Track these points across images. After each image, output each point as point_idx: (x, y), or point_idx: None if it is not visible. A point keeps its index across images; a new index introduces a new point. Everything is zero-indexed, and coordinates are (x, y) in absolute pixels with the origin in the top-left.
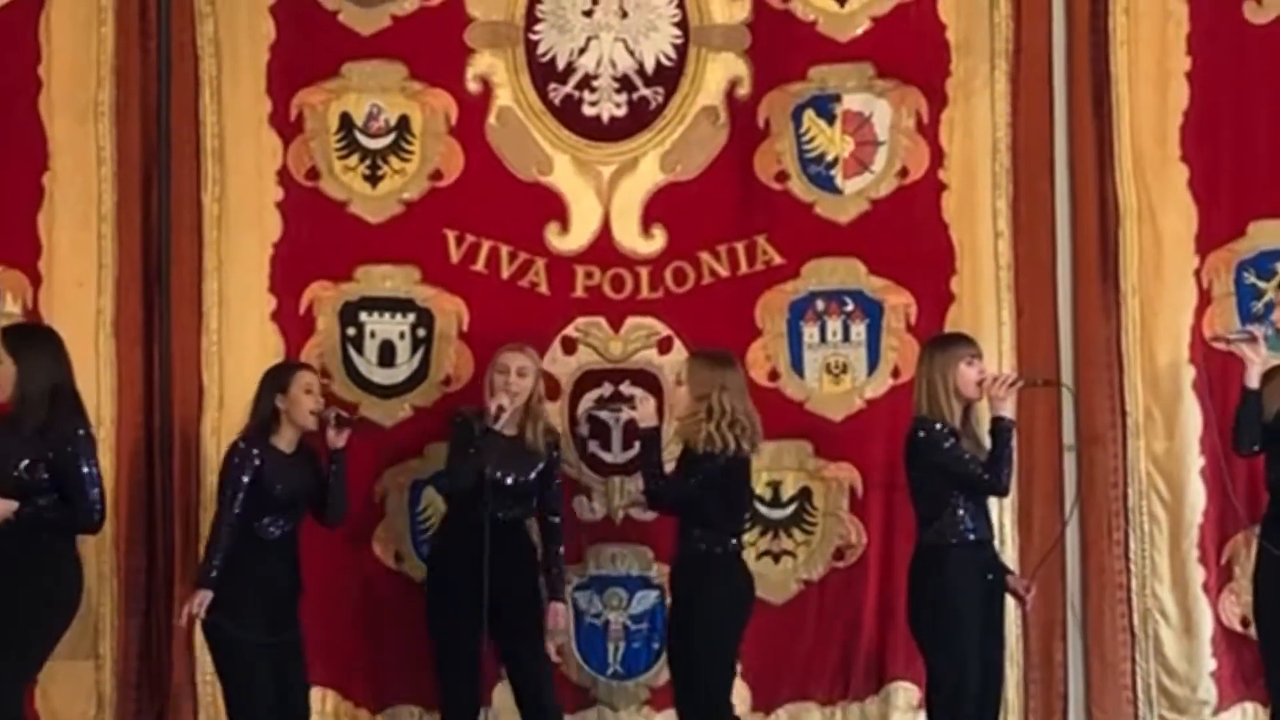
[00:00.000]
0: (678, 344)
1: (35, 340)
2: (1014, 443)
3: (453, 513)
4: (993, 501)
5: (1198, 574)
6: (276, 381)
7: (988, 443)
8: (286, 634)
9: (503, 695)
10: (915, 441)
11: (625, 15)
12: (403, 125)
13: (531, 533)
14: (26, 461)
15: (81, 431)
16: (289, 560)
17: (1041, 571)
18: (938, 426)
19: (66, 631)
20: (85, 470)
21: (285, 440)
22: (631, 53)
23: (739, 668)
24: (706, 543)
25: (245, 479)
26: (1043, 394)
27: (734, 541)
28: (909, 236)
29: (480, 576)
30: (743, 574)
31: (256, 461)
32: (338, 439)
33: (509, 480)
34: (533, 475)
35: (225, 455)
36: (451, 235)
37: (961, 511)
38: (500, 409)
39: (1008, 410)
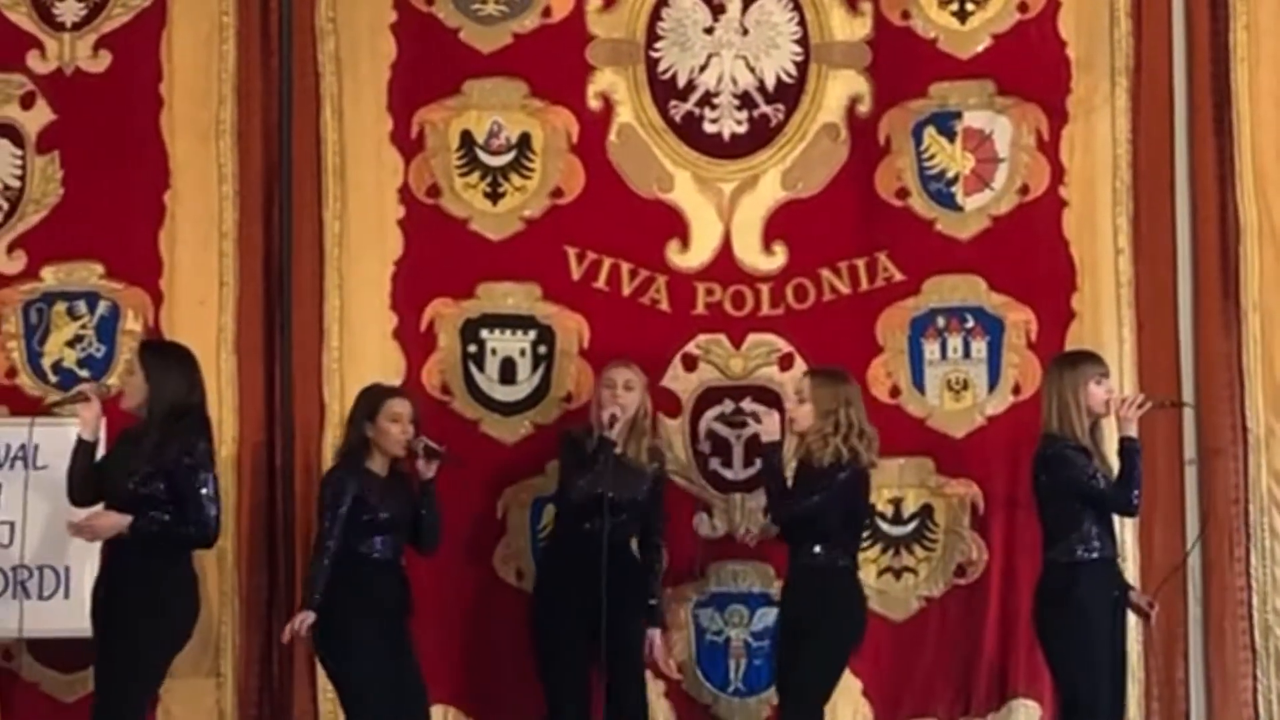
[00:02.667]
0: (799, 361)
1: (170, 357)
2: (1141, 463)
3: (560, 530)
4: (1118, 518)
5: None
6: (365, 408)
7: (1112, 460)
8: (402, 658)
9: None
10: (1045, 458)
11: (746, 32)
12: (524, 143)
13: (636, 552)
14: (143, 475)
15: (202, 446)
16: (397, 581)
17: (1162, 588)
18: (1069, 444)
19: (185, 648)
20: (203, 485)
21: (379, 464)
22: (752, 70)
23: (860, 685)
24: (824, 558)
25: (342, 508)
26: (1163, 411)
27: (851, 558)
28: (1030, 253)
29: (588, 594)
30: (858, 592)
31: (352, 487)
32: (427, 470)
33: (614, 498)
34: (638, 495)
35: (321, 482)
36: (572, 252)
37: (1090, 529)
38: (614, 417)
39: (1132, 430)
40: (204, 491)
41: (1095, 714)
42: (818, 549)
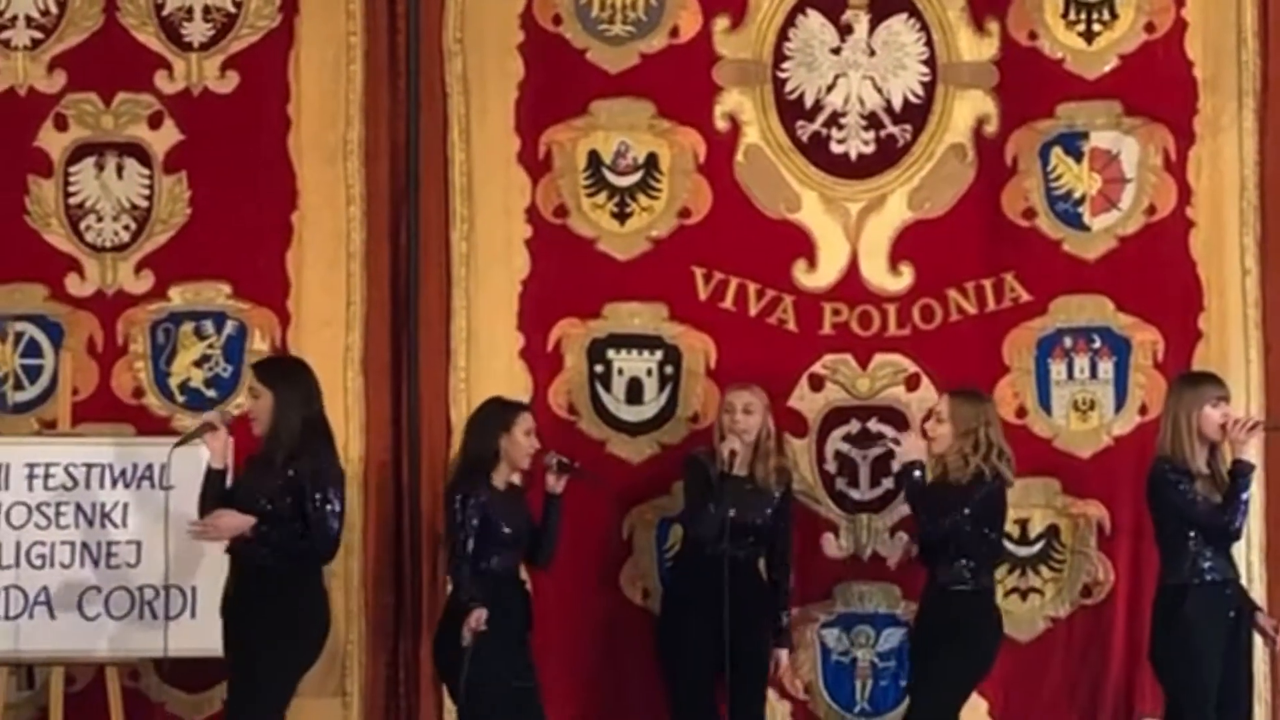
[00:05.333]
0: (925, 381)
1: (291, 373)
2: (1252, 486)
3: (687, 551)
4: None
5: None
6: (500, 421)
7: None
8: (522, 673)
9: None
10: (1153, 481)
11: (873, 53)
12: (651, 163)
13: (762, 573)
14: (273, 491)
15: (326, 457)
16: (518, 595)
17: None
18: (1172, 467)
19: (316, 664)
20: (328, 500)
21: (501, 478)
22: (879, 90)
23: (987, 705)
24: (962, 578)
25: (475, 522)
26: None
27: (989, 578)
28: (1157, 274)
29: (713, 615)
30: (995, 613)
31: (482, 501)
32: (557, 484)
33: (739, 520)
34: (764, 517)
35: (447, 500)
36: (699, 272)
37: (1201, 551)
38: (733, 453)
39: (1249, 453)
40: (328, 507)
41: None
42: (955, 569)
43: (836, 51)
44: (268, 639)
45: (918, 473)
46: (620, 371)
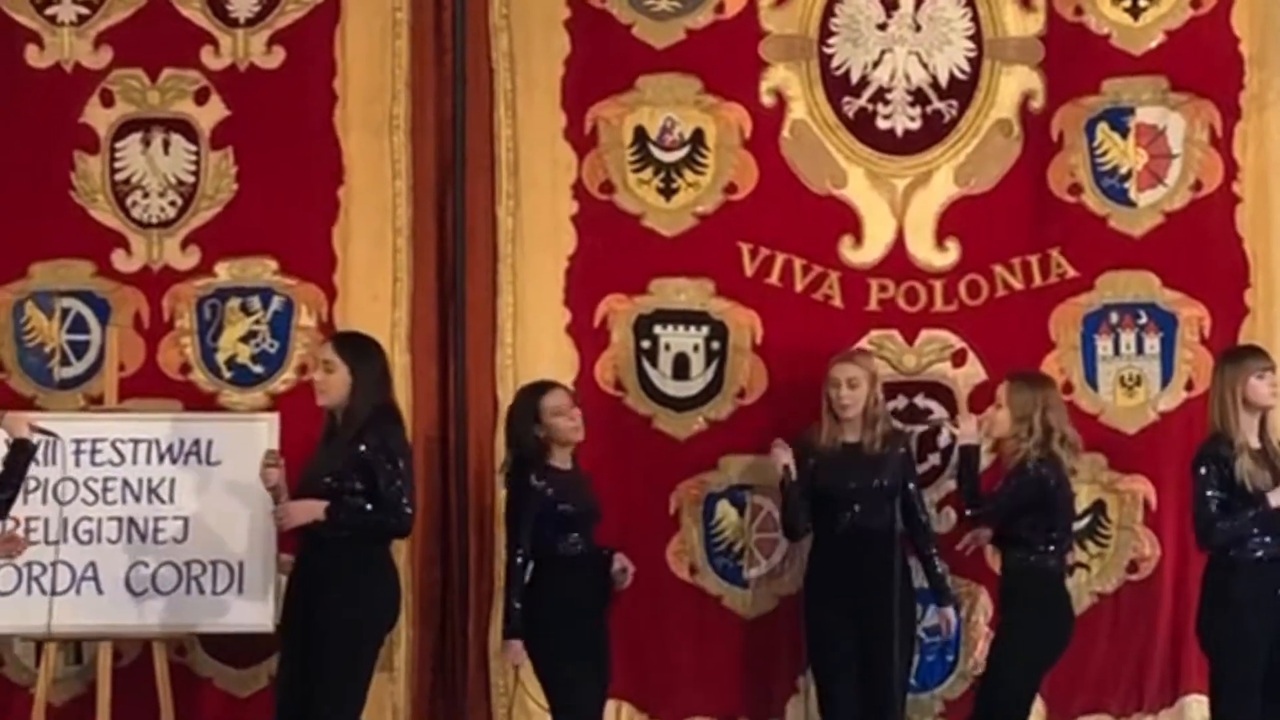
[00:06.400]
0: (971, 357)
1: (369, 351)
2: None
3: (817, 528)
4: None
5: None
6: (530, 411)
7: None
8: (598, 651)
9: (796, 710)
10: (1194, 459)
11: (919, 28)
12: (697, 138)
13: (896, 541)
14: (340, 469)
15: (397, 436)
16: (595, 574)
17: None
18: (1199, 453)
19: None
20: (399, 474)
21: (559, 458)
22: (925, 66)
23: None
24: (1028, 561)
25: (526, 514)
26: None
27: (1055, 560)
28: (1203, 249)
29: (847, 590)
30: (1063, 594)
31: (542, 488)
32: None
33: (851, 488)
34: (876, 482)
35: (508, 488)
36: (745, 248)
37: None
38: (786, 468)
39: None
40: (399, 482)
41: (1244, 712)
42: (1019, 552)
43: (883, 27)
44: (344, 617)
45: (973, 458)
46: (667, 347)
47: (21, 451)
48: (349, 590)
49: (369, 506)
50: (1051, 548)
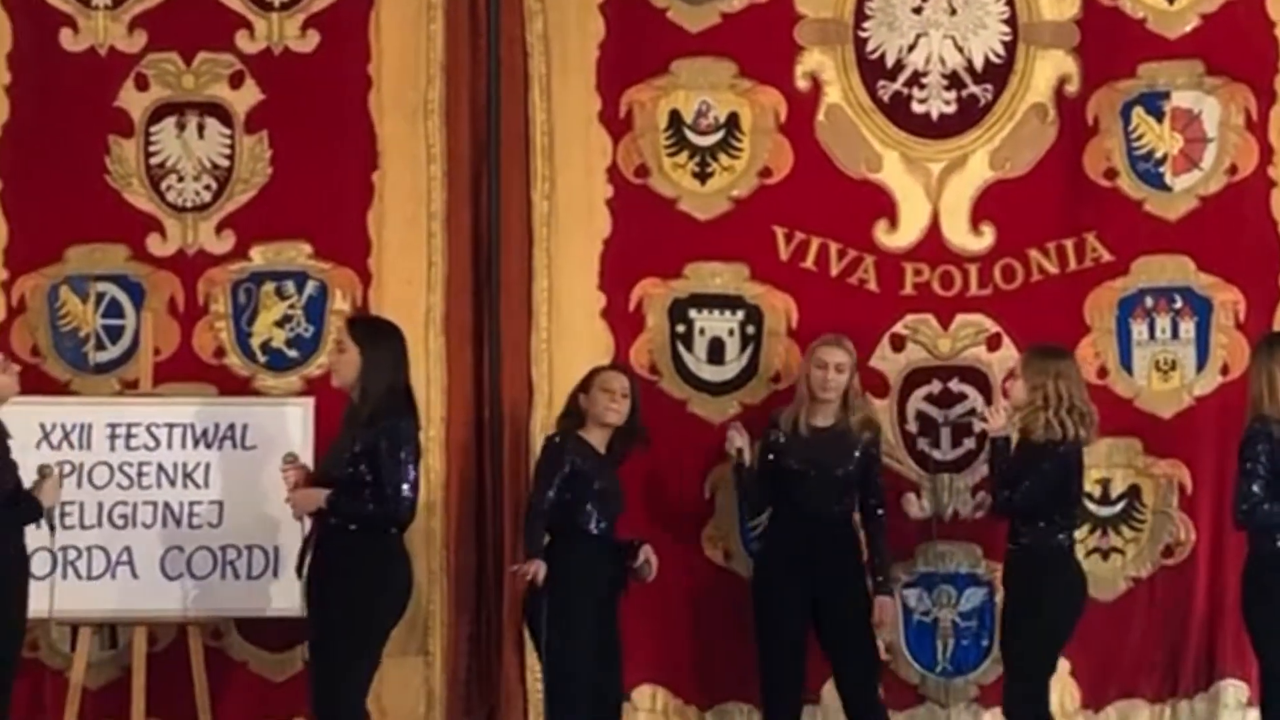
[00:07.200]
0: (1006, 341)
1: (383, 334)
2: None
3: (778, 509)
4: None
5: None
6: (584, 382)
7: None
8: (607, 634)
9: (832, 693)
10: (1243, 438)
11: (954, 12)
12: (732, 122)
13: (856, 527)
14: (349, 457)
15: (404, 426)
16: (612, 556)
17: None
18: (1251, 431)
19: (398, 625)
20: (398, 465)
21: (596, 438)
22: (960, 50)
23: (1069, 666)
24: (1041, 537)
25: (557, 474)
26: None
27: (1064, 536)
28: (1238, 233)
29: (804, 573)
30: (1076, 570)
31: (569, 456)
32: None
33: (813, 473)
34: (843, 469)
35: (543, 448)
36: (780, 232)
37: None
38: (740, 451)
39: None
40: (399, 472)
41: None
42: (1035, 529)
43: (918, 11)
44: (346, 603)
45: (1002, 447)
46: (702, 331)
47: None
48: (353, 579)
49: (370, 497)
50: (1066, 522)
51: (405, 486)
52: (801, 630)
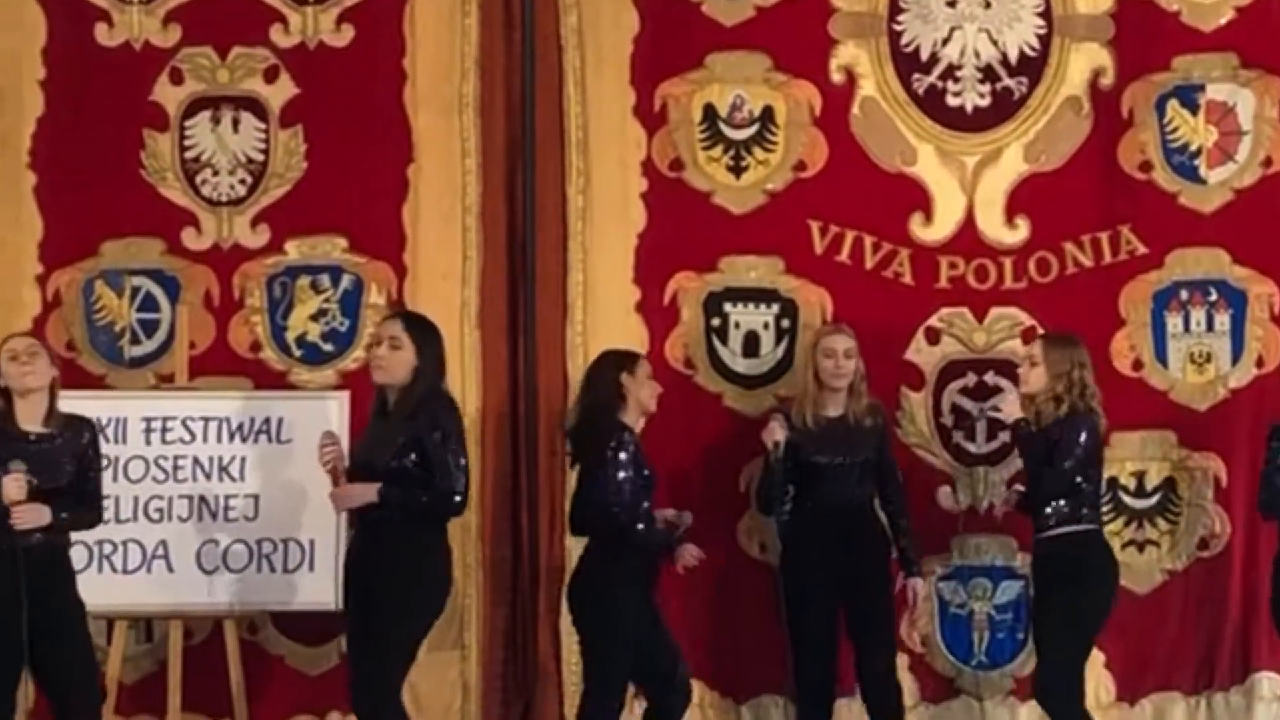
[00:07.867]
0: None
1: (433, 332)
2: None
3: (800, 502)
4: None
5: None
6: (618, 363)
7: None
8: (658, 623)
9: None
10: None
11: (989, 5)
12: (766, 116)
13: (878, 512)
14: (398, 448)
15: (453, 417)
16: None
17: None
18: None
19: (438, 620)
20: (452, 456)
21: (632, 420)
22: (995, 43)
23: (1103, 658)
24: (1070, 521)
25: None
26: None
27: (1096, 516)
28: (1273, 226)
29: (831, 564)
30: (1107, 551)
31: (631, 442)
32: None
33: (838, 462)
34: (864, 456)
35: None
36: (815, 226)
37: None
38: (776, 444)
39: None
40: (451, 462)
41: None
42: (1059, 511)
43: (952, 4)
44: (392, 596)
45: (1024, 431)
46: (737, 325)
47: None
48: (399, 573)
49: (422, 488)
50: (1094, 501)
51: (459, 476)
52: (833, 620)
